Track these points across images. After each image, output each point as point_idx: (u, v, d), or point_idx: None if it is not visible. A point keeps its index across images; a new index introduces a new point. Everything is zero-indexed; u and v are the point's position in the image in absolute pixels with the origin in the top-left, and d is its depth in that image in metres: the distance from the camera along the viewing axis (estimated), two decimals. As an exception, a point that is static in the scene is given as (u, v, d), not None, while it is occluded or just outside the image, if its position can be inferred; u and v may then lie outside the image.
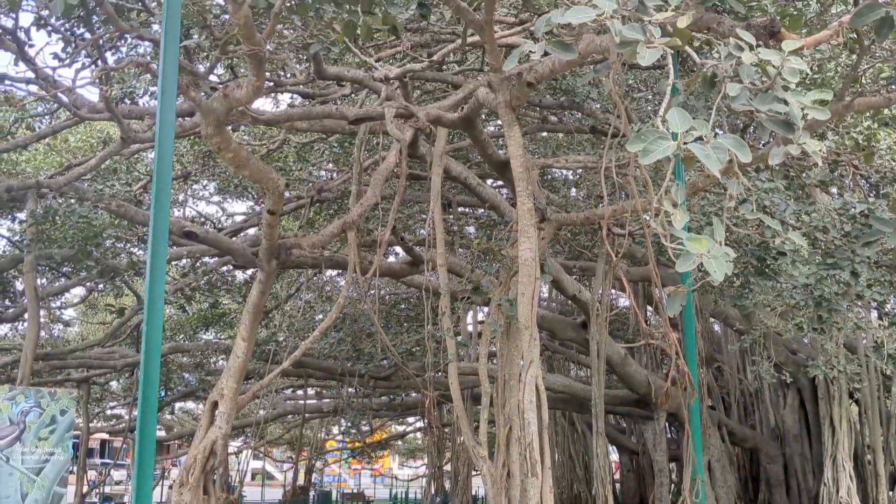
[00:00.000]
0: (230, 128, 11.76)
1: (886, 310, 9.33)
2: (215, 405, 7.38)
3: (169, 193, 4.17)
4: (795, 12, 6.78)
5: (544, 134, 18.12)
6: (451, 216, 16.19)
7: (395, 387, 23.65)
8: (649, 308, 29.70)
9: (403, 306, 23.47)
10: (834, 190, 11.69)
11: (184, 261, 18.07)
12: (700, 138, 3.77)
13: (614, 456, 39.89)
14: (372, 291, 21.00)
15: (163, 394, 25.73)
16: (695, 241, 3.94)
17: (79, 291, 21.70)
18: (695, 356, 5.97)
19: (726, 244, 9.98)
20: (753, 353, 22.55)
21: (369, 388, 22.62)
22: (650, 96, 13.12)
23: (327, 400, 31.10)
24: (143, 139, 10.05)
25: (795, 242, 4.78)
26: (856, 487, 16.88)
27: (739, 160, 3.89)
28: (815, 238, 8.60)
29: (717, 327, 28.42)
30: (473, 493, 32.88)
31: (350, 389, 24.06)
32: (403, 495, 47.97)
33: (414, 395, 24.05)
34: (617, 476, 38.00)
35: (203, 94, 5.87)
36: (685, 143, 3.78)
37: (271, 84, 10.99)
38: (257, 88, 5.55)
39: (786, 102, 4.02)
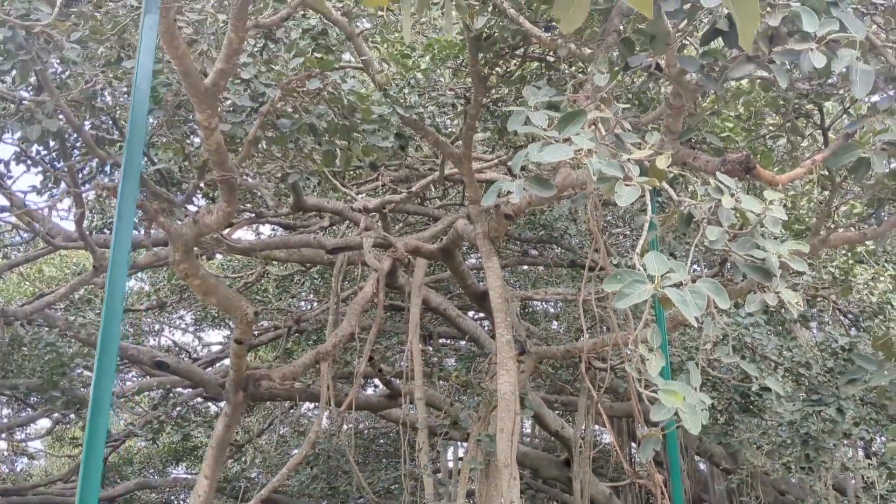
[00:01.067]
0: (206, 257, 11.70)
1: (874, 449, 9.07)
2: (173, 549, 6.87)
3: (121, 309, 4.00)
4: (765, 149, 6.93)
5: (525, 267, 18.22)
6: (431, 348, 15.97)
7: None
8: (634, 445, 29.08)
9: (382, 441, 22.79)
10: (814, 325, 11.67)
11: (155, 392, 17.60)
12: (679, 283, 3.70)
13: None
14: (348, 426, 20.47)
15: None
16: (669, 393, 3.81)
17: (45, 423, 20.97)
18: (682, 496, 5.69)
19: (707, 383, 9.87)
20: (741, 494, 21.87)
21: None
22: (627, 231, 13.29)
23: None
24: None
25: (772, 388, 4.66)
26: None
27: (717, 305, 3.82)
28: (798, 374, 8.46)
29: (702, 466, 27.70)
30: None
31: (325, 531, 22.93)
32: None
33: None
34: None
35: (177, 221, 5.82)
36: (662, 287, 3.70)
37: (252, 216, 11.04)
38: (228, 214, 5.50)
39: (764, 249, 4.00)
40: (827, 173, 6.12)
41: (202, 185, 6.70)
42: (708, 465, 24.90)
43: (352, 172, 11.43)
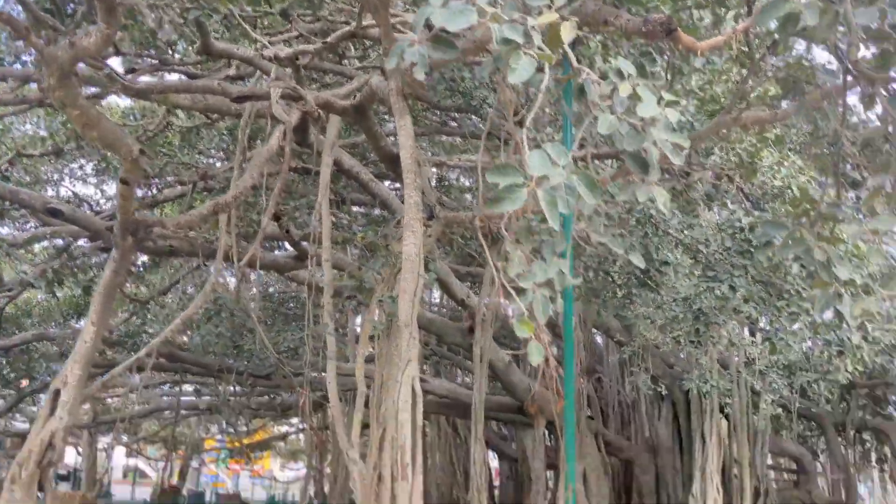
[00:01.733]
0: (101, 100, 10.98)
1: (760, 326, 9.55)
2: (57, 394, 6.74)
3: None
4: (691, 24, 6.80)
5: (443, 137, 17.97)
6: (344, 213, 15.78)
7: (276, 386, 22.97)
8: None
9: (292, 304, 22.80)
10: (717, 208, 11.99)
11: (57, 241, 16.94)
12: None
13: (495, 463, 40.24)
14: (254, 285, 20.30)
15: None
16: (527, 278, 3.77)
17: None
18: (573, 364, 5.84)
19: (608, 259, 9.92)
20: (632, 366, 23.13)
21: (248, 387, 21.84)
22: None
23: (206, 398, 29.95)
24: (7, 101, 9.23)
25: (634, 262, 4.71)
26: (722, 500, 17.42)
27: (587, 202, 3.72)
28: (696, 251, 8.70)
29: (599, 339, 29.04)
30: (352, 496, 32.30)
31: (228, 387, 23.19)
32: (282, 497, 46.90)
33: (295, 395, 23.35)
34: (496, 482, 38.31)
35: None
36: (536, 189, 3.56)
37: (156, 62, 10.35)
38: (107, 37, 5.02)
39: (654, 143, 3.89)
40: (747, 49, 6.06)
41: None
42: (604, 337, 26.07)
43: (262, 23, 10.81)
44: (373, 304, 8.22)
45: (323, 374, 13.40)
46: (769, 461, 25.99)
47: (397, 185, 16.45)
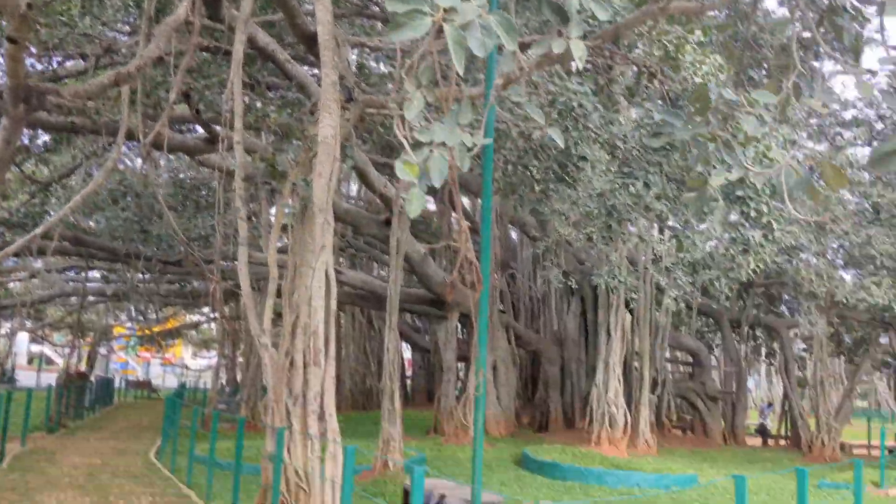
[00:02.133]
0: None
1: (669, 224, 9.77)
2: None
3: None
4: None
5: (365, 21, 17.29)
6: (258, 95, 15.15)
7: (186, 273, 22.55)
8: (454, 212, 30.21)
9: (203, 192, 22.10)
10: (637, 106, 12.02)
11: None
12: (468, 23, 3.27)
13: (407, 354, 41.13)
14: (159, 168, 19.55)
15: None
16: (425, 133, 3.54)
17: None
18: (489, 253, 5.83)
19: (529, 151, 9.77)
20: (545, 261, 23.62)
21: (157, 274, 21.36)
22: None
23: (114, 284, 29.22)
24: None
25: (554, 139, 4.58)
26: (622, 390, 18.27)
27: (506, 46, 3.52)
28: (614, 147, 8.73)
29: (514, 235, 29.48)
30: (264, 383, 32.57)
31: (136, 274, 22.65)
32: (194, 385, 46.91)
33: (206, 283, 22.96)
34: (409, 373, 39.27)
35: None
36: (444, 21, 3.28)
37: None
38: None
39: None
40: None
41: None
42: (519, 233, 26.47)
43: None
44: (286, 189, 7.99)
45: (235, 262, 13.17)
46: (668, 354, 27.35)
47: (316, 70, 15.87)
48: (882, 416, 36.58)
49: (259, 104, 14.27)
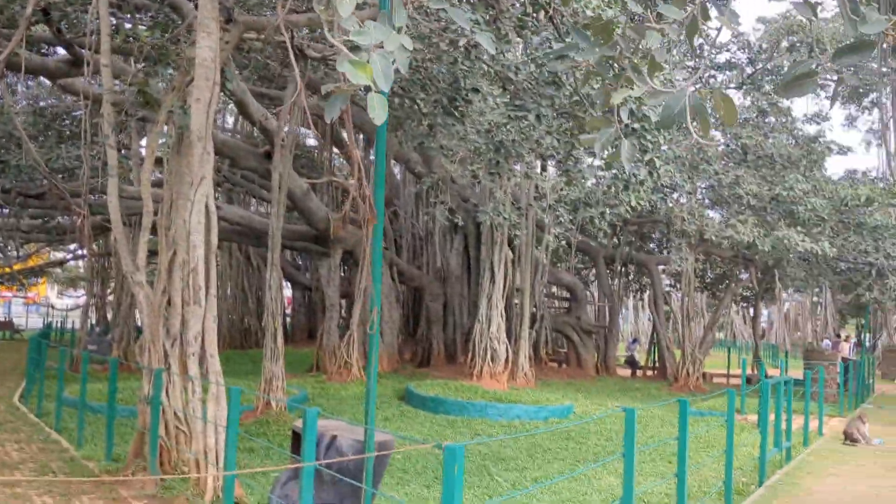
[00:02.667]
0: None
1: (558, 159, 9.78)
2: None
3: None
4: None
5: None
6: (127, 14, 14.07)
7: (50, 207, 21.11)
8: (336, 149, 29.58)
9: (67, 121, 20.59)
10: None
11: None
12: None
13: (287, 291, 40.48)
14: (16, 93, 18.05)
15: None
16: (363, 34, 3.27)
17: None
18: (384, 187, 5.60)
19: (416, 82, 9.48)
20: (429, 198, 23.54)
21: (17, 207, 19.88)
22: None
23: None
24: None
25: (484, 45, 4.39)
26: (504, 325, 18.60)
27: None
28: (506, 79, 8.59)
29: (397, 172, 29.22)
30: (137, 323, 31.36)
31: (-8, 207, 21.01)
32: (60, 326, 44.72)
33: (72, 217, 21.57)
34: (289, 311, 38.73)
35: None
36: None
37: None
38: None
39: None
40: None
41: None
42: (402, 170, 26.23)
43: None
44: (161, 117, 7.43)
45: (104, 194, 12.33)
46: (546, 290, 28.08)
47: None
48: (738, 347, 39.14)
49: (128, 24, 13.26)
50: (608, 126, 3.35)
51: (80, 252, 39.19)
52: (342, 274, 29.75)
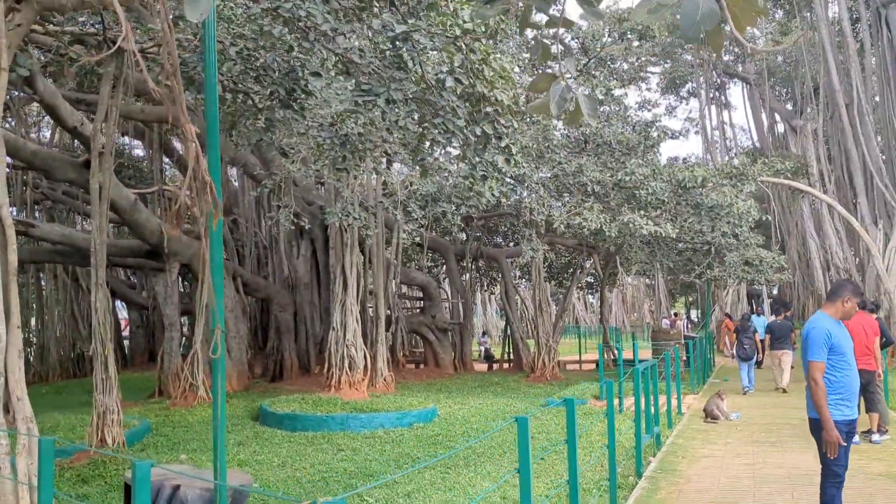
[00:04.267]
0: None
1: (411, 149, 9.12)
2: None
3: None
4: None
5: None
6: None
7: None
8: (168, 158, 27.66)
9: None
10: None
11: None
12: None
13: (124, 313, 37.67)
14: None
15: None
16: None
17: None
18: (219, 166, 4.74)
19: (248, 72, 8.49)
20: (271, 203, 22.32)
21: None
22: None
23: None
24: None
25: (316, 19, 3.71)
26: (360, 329, 17.82)
27: None
28: (349, 63, 7.85)
29: (234, 181, 27.72)
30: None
31: None
32: None
33: None
34: (126, 333, 36.03)
35: None
36: None
37: None
38: None
39: None
40: None
41: None
42: (241, 176, 24.83)
43: None
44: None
45: None
46: (399, 291, 27.51)
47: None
48: (581, 333, 40.27)
49: None
50: (556, 82, 2.70)
51: None
52: (181, 290, 27.87)
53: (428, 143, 8.44)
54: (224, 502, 4.05)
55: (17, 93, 18.37)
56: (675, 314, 43.62)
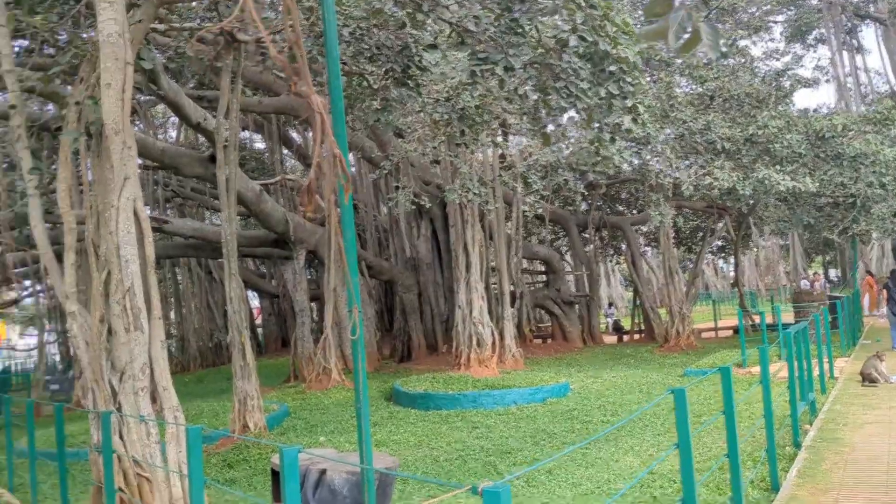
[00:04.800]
0: None
1: (533, 117, 8.76)
2: None
3: None
4: None
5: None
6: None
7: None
8: (287, 149, 28.33)
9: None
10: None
11: None
12: None
13: (255, 301, 39.06)
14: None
15: None
16: None
17: None
18: (346, 139, 4.57)
19: (363, 53, 8.31)
20: (388, 186, 22.40)
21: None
22: None
23: None
24: None
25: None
26: (486, 306, 17.64)
27: None
28: (465, 31, 7.56)
29: (352, 162, 28.05)
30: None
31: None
32: (21, 368, 42.93)
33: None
34: (258, 321, 37.37)
35: None
36: None
37: None
38: None
39: None
40: None
41: None
42: (357, 160, 25.06)
43: None
44: (70, 112, 6.28)
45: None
46: (523, 265, 27.19)
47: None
48: (713, 299, 38.68)
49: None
50: (675, 8, 2.33)
51: (38, 288, 37.45)
52: (309, 276, 28.53)
53: (548, 110, 8.06)
54: (372, 487, 3.91)
55: (142, 96, 19.10)
56: (815, 274, 41.28)
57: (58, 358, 35.79)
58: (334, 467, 4.48)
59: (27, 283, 36.87)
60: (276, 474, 4.67)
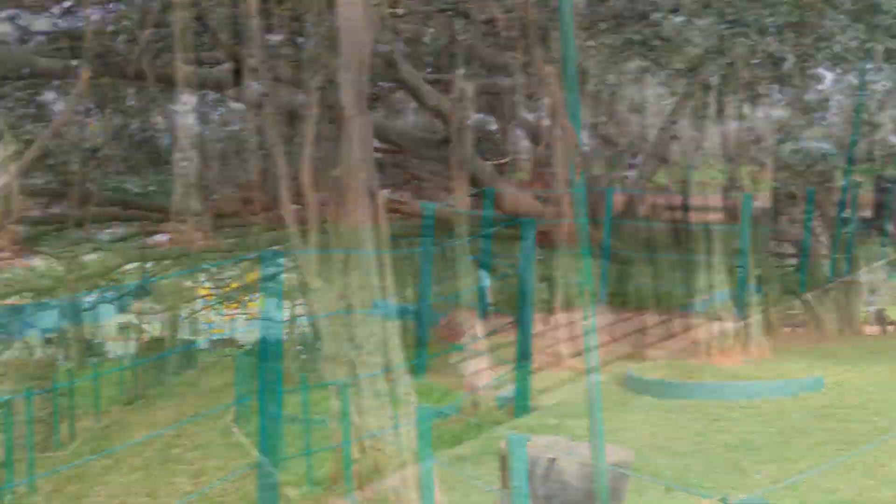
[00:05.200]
0: None
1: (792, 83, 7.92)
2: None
3: None
4: None
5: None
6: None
7: (241, 225, 21.51)
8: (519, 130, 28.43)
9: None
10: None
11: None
12: None
13: (486, 281, 39.82)
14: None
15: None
16: None
17: None
18: (579, 112, 4.32)
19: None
20: (622, 164, 21.65)
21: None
22: None
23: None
24: None
25: None
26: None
27: None
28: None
29: (584, 146, 27.54)
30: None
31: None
32: (279, 336, 47.01)
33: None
34: (489, 301, 37.98)
35: None
36: None
37: None
38: None
39: None
40: None
41: None
42: (592, 137, 24.53)
43: None
44: (311, 97, 6.55)
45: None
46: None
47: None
48: None
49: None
50: None
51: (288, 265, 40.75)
52: (539, 258, 28.44)
53: (809, 74, 7.24)
54: (604, 475, 3.66)
55: (383, 83, 19.93)
56: None
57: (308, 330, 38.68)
58: (564, 454, 4.28)
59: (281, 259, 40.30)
60: (504, 461, 4.56)
